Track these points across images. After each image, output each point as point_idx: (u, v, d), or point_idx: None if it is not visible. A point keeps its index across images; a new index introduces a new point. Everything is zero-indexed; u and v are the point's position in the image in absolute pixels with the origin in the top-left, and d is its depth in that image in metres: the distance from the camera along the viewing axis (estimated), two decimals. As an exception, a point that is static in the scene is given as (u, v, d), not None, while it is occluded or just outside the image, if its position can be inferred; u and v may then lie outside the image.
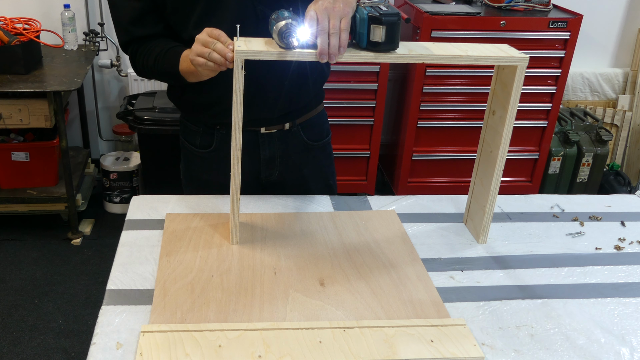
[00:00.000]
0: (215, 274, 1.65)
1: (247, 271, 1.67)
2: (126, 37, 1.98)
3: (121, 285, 1.61)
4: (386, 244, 1.85)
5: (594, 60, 4.89)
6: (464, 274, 1.74)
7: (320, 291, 1.62)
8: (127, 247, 1.78)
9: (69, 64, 3.85)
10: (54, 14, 4.18)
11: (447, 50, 1.67)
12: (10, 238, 3.94)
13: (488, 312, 1.59)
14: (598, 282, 1.75)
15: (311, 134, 2.19)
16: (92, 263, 3.75)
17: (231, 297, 1.57)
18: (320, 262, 1.74)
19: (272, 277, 1.66)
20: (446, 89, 4.06)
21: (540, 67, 4.06)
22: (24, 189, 3.90)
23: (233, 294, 1.58)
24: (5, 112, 3.53)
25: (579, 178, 4.45)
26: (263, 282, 1.64)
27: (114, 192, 4.27)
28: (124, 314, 1.50)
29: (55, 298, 3.42)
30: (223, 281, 1.63)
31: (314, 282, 1.65)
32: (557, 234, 1.98)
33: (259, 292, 1.60)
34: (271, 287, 1.62)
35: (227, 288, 1.60)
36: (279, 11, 1.60)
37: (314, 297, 1.59)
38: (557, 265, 1.81)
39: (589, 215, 2.11)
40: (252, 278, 1.65)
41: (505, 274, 1.75)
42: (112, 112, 4.61)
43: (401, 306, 1.58)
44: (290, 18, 1.55)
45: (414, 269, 1.73)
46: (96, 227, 4.14)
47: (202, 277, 1.64)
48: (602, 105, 4.88)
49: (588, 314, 1.60)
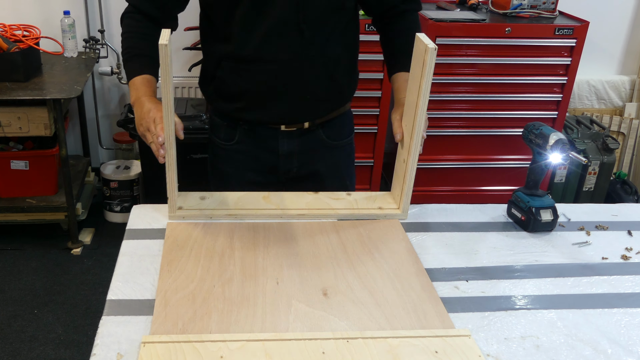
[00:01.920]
0: (217, 284, 1.65)
1: (249, 281, 1.67)
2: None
3: (122, 296, 1.61)
4: (390, 253, 1.84)
5: (601, 67, 4.89)
6: (468, 284, 1.74)
7: (323, 301, 1.61)
8: (127, 256, 1.78)
9: (69, 71, 3.86)
10: (54, 21, 4.19)
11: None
12: (10, 247, 3.94)
13: (493, 322, 1.59)
14: (604, 292, 1.75)
15: (331, 133, 2.26)
16: (92, 273, 3.75)
17: (233, 307, 1.57)
18: (323, 272, 1.74)
19: (275, 287, 1.65)
20: (450, 97, 4.07)
21: (546, 74, 4.06)
22: (23, 197, 3.90)
23: (235, 304, 1.58)
24: (4, 120, 3.54)
25: (585, 187, 4.45)
26: (265, 292, 1.63)
27: (114, 201, 4.28)
28: (125, 324, 1.50)
29: (55, 308, 3.42)
30: (225, 291, 1.62)
31: (317, 293, 1.64)
32: (563, 244, 1.98)
33: (262, 302, 1.59)
34: (273, 297, 1.61)
35: (229, 298, 1.60)
36: None
37: (317, 308, 1.59)
38: (563, 275, 1.81)
39: (596, 224, 2.10)
40: (254, 288, 1.64)
41: (510, 284, 1.75)
42: (113, 120, 4.62)
43: (405, 316, 1.58)
44: None
45: (418, 279, 1.73)
46: (96, 237, 4.14)
47: (203, 287, 1.63)
48: (608, 113, 4.88)
49: (594, 325, 1.60)
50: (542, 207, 2.00)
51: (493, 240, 1.97)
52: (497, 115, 4.13)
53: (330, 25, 2.05)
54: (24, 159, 3.84)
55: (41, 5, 4.23)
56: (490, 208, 2.16)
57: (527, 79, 4.02)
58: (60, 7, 4.18)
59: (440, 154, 4.27)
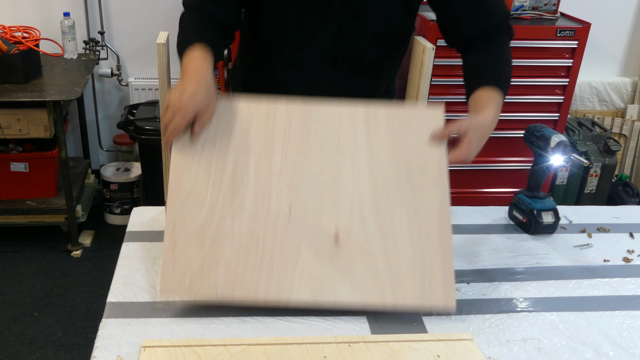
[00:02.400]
0: (227, 215, 1.61)
1: (260, 213, 1.62)
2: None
3: (122, 298, 1.61)
4: (419, 170, 1.70)
5: (602, 69, 4.89)
6: (470, 286, 1.74)
7: (332, 251, 1.60)
8: (127, 259, 1.78)
9: (69, 73, 3.87)
10: (54, 22, 4.19)
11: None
12: (9, 250, 3.94)
13: (495, 325, 1.59)
14: (606, 294, 1.75)
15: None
16: (92, 275, 3.75)
17: (241, 253, 1.57)
18: (340, 201, 1.66)
19: (286, 221, 1.62)
20: (451, 99, 4.06)
21: (548, 76, 4.06)
22: (23, 200, 3.91)
23: (243, 247, 1.58)
24: (4, 122, 3.54)
25: (587, 189, 4.45)
26: (276, 229, 1.61)
27: (114, 203, 4.28)
28: (125, 327, 1.51)
29: (55, 311, 3.42)
30: (235, 227, 1.60)
31: (329, 237, 1.61)
32: (565, 246, 1.98)
33: (270, 248, 1.58)
34: (283, 239, 1.60)
35: (238, 237, 1.59)
36: None
37: (325, 260, 1.58)
38: (565, 278, 1.81)
39: (597, 226, 2.11)
40: (265, 223, 1.61)
41: (512, 286, 1.75)
42: (113, 122, 4.61)
43: (409, 282, 1.58)
44: None
45: (438, 220, 1.65)
46: (96, 239, 4.15)
47: (213, 220, 1.60)
48: (610, 115, 4.88)
49: (596, 327, 1.60)
50: (544, 210, 2.01)
51: (494, 242, 1.97)
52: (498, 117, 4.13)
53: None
54: (24, 161, 3.84)
55: (41, 6, 4.23)
56: (491, 210, 2.17)
57: (529, 80, 4.01)
58: (60, 8, 4.18)
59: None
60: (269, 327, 1.53)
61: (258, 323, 1.54)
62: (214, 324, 1.53)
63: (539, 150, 2.00)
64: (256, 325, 1.54)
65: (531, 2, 4.08)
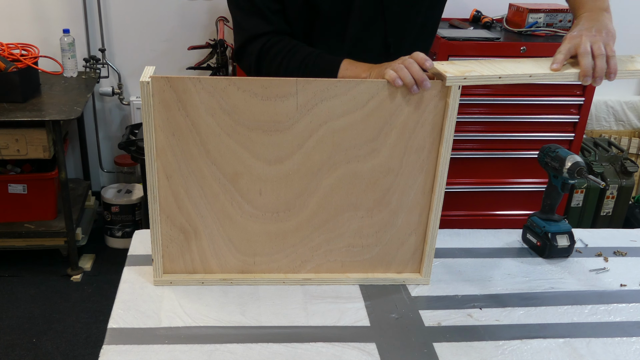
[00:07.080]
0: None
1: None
2: (267, 27, 1.97)
3: (123, 324, 1.62)
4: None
5: (619, 88, 4.89)
6: (482, 312, 1.75)
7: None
8: (129, 283, 1.79)
9: (69, 92, 3.88)
10: (53, 40, 4.22)
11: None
12: (7, 274, 3.95)
13: (508, 351, 1.59)
14: (623, 320, 1.75)
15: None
16: (93, 300, 3.75)
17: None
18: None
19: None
20: (463, 118, 4.07)
21: (563, 95, 4.06)
22: (21, 222, 3.91)
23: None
24: (1, 142, 3.56)
25: (603, 211, 4.44)
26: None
27: (115, 226, 4.29)
28: (127, 354, 1.51)
29: (54, 337, 3.42)
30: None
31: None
32: (580, 270, 1.98)
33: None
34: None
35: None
36: None
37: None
38: (580, 303, 1.81)
39: (614, 250, 2.11)
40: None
41: (525, 312, 1.76)
42: (114, 142, 4.63)
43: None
44: None
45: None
46: (97, 263, 4.15)
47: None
48: (627, 135, 4.88)
49: (613, 354, 1.60)
50: (559, 233, 2.01)
51: (507, 266, 1.98)
52: (511, 137, 4.13)
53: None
54: (22, 182, 3.85)
55: (40, 23, 4.25)
56: (504, 233, 2.17)
57: (543, 99, 4.02)
58: (59, 25, 4.20)
59: (453, 177, 4.25)
60: (275, 354, 1.54)
61: (264, 350, 1.55)
62: (219, 351, 1.54)
63: (553, 171, 2.00)
64: (262, 352, 1.54)
65: (546, 18, 4.09)
